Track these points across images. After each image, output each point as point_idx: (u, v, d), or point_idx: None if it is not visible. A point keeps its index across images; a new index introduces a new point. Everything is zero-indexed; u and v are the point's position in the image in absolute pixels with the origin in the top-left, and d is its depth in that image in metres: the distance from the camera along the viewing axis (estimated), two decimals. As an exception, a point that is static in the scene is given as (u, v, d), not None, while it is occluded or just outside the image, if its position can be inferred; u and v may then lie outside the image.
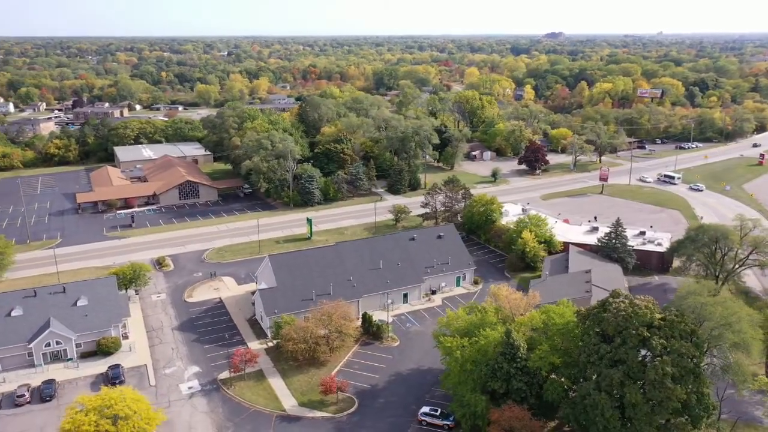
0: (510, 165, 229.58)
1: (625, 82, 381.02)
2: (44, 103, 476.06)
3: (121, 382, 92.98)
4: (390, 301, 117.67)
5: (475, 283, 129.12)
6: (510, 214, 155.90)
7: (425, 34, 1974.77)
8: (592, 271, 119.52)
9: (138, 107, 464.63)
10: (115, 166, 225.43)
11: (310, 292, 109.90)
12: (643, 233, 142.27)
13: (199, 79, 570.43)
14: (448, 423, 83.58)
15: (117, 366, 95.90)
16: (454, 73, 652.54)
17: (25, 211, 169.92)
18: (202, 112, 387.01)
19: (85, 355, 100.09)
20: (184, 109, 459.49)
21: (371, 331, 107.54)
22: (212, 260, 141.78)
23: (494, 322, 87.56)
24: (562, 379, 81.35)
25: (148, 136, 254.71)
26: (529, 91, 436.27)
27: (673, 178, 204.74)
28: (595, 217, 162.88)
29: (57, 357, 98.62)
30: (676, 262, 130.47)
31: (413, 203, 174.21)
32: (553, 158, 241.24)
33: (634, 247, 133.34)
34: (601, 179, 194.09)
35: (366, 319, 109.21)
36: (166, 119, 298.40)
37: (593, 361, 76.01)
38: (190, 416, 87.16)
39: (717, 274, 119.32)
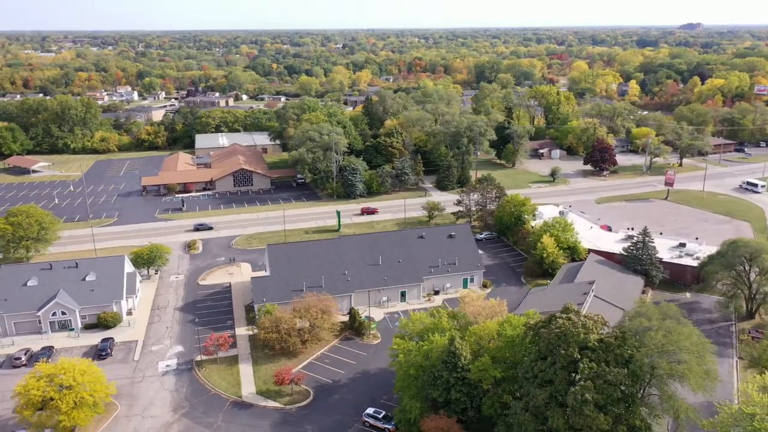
0: (577, 165, 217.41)
1: (741, 78, 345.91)
2: (164, 92, 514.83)
3: (108, 355, 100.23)
4: (385, 298, 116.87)
5: (484, 286, 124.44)
6: (545, 217, 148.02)
7: (548, 25, 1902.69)
8: (604, 282, 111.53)
9: (245, 97, 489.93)
10: (192, 153, 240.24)
11: (301, 284, 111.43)
12: (682, 245, 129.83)
13: (306, 71, 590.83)
14: (389, 427, 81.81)
15: (108, 339, 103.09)
16: (564, 67, 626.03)
17: (80, 191, 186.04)
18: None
19: (89, 327, 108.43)
20: (287, 99, 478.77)
21: (354, 327, 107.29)
22: (239, 246, 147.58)
23: (447, 327, 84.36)
24: (504, 395, 76.80)
25: (228, 125, 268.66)
26: (634, 87, 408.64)
27: (756, 185, 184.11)
28: (632, 227, 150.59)
29: (64, 326, 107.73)
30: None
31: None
32: (630, 159, 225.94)
33: (666, 260, 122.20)
34: (666, 184, 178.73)
35: (352, 314, 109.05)
36: (247, 110, 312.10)
37: (528, 378, 71.41)
38: (155, 393, 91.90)
39: (751, 295, 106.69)
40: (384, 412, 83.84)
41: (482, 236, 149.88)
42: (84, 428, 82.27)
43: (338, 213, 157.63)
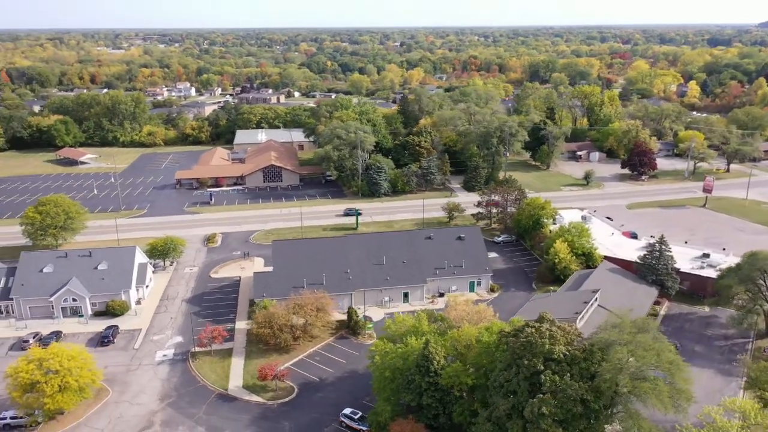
0: (616, 168, 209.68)
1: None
2: (220, 89, 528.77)
3: (110, 342, 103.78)
4: (387, 298, 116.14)
5: (492, 290, 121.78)
6: (565, 222, 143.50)
7: (615, 23, 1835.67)
8: (613, 291, 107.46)
9: (297, 94, 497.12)
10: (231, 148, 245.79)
11: (302, 280, 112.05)
12: (706, 255, 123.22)
13: (359, 69, 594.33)
14: (364, 429, 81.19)
15: (111, 327, 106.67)
16: (625, 67, 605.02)
17: (119, 183, 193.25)
18: (353, 101, 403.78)
19: (98, 314, 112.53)
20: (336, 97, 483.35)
21: (350, 326, 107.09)
22: (257, 241, 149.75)
23: (427, 331, 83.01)
24: (475, 403, 74.91)
25: (268, 122, 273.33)
26: (694, 88, 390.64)
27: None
28: (653, 236, 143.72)
29: (75, 312, 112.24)
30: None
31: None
32: (673, 164, 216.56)
33: (685, 270, 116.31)
34: (704, 190, 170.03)
35: (350, 313, 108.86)
36: (287, 107, 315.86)
37: (495, 387, 69.48)
38: (148, 381, 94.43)
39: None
40: (360, 413, 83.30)
41: (500, 239, 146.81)
42: (72, 412, 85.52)
43: (357, 211, 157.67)
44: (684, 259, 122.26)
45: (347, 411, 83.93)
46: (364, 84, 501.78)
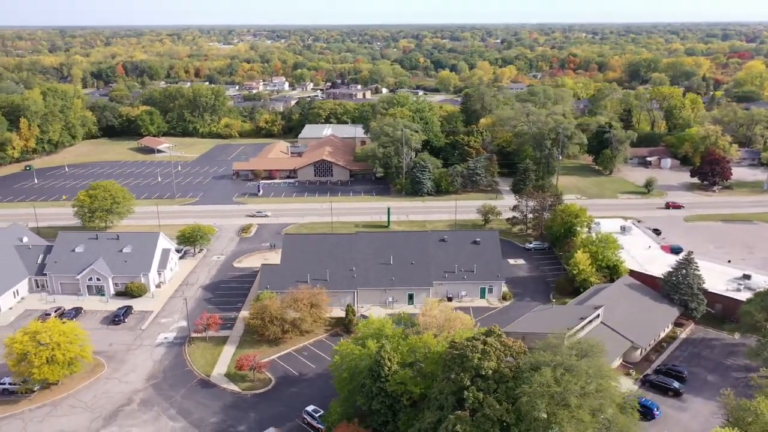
0: (685, 176, 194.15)
1: None
2: (312, 84, 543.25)
3: (121, 321, 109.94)
4: (391, 299, 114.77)
5: (504, 298, 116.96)
6: (602, 231, 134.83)
7: (743, 20, 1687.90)
8: (625, 309, 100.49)
9: (384, 90, 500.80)
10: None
11: (306, 275, 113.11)
12: (747, 277, 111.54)
13: (452, 66, 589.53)
14: (321, 427, 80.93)
15: (124, 308, 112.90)
16: (741, 67, 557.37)
17: (183, 172, 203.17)
18: (438, 98, 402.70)
19: (119, 294, 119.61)
20: (424, 93, 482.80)
21: (345, 323, 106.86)
22: (288, 234, 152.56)
23: (390, 334, 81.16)
24: (419, 413, 72.40)
25: (337, 117, 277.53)
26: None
27: None
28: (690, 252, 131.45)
29: (101, 291, 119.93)
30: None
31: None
32: (755, 174, 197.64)
33: (715, 291, 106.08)
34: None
35: (348, 310, 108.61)
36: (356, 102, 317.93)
37: (430, 399, 67.01)
38: (143, 361, 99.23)
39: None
40: (322, 412, 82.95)
41: (531, 246, 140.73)
42: (66, 383, 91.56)
43: (388, 210, 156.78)
44: (720, 279, 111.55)
45: (310, 408, 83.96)
46: (452, 81, 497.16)
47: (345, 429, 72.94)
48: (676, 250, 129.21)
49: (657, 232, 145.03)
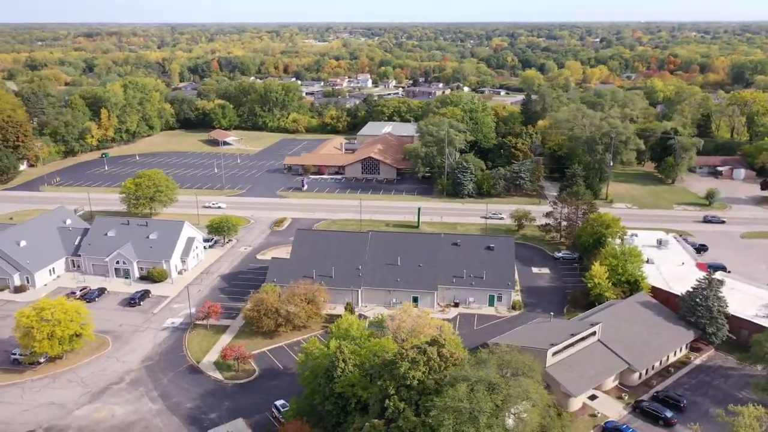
0: (754, 189, 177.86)
1: None
2: (395, 81, 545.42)
3: (136, 304, 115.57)
4: (395, 300, 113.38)
5: (514, 307, 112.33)
6: (638, 243, 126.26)
7: None
8: (632, 328, 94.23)
9: (466, 89, 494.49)
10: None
11: (312, 271, 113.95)
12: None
13: (541, 65, 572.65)
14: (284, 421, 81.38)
15: (142, 292, 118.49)
16: None
17: (222, 164, 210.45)
18: (518, 98, 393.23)
19: (143, 278, 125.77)
20: (506, 94, 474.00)
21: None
22: (318, 229, 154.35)
23: (356, 336, 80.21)
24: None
25: (400, 115, 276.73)
26: None
27: None
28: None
29: (126, 274, 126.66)
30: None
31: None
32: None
33: (740, 315, 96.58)
34: None
35: (347, 308, 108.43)
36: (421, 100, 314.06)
37: (368, 404, 65.66)
38: (145, 343, 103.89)
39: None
40: (288, 408, 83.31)
41: (559, 255, 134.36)
42: (70, 358, 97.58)
43: (419, 210, 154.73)
44: (753, 303, 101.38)
45: (279, 402, 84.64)
46: (537, 81, 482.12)
47: (295, 426, 72.79)
48: (715, 268, 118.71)
49: (702, 248, 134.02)
